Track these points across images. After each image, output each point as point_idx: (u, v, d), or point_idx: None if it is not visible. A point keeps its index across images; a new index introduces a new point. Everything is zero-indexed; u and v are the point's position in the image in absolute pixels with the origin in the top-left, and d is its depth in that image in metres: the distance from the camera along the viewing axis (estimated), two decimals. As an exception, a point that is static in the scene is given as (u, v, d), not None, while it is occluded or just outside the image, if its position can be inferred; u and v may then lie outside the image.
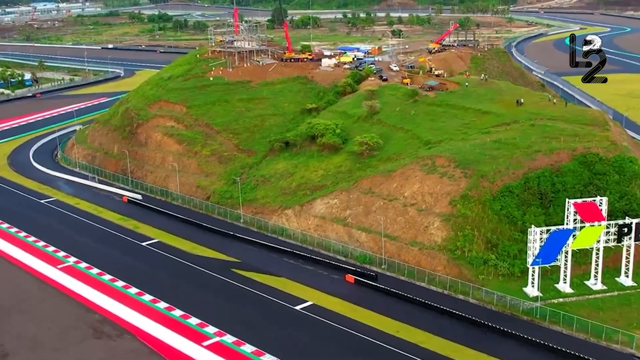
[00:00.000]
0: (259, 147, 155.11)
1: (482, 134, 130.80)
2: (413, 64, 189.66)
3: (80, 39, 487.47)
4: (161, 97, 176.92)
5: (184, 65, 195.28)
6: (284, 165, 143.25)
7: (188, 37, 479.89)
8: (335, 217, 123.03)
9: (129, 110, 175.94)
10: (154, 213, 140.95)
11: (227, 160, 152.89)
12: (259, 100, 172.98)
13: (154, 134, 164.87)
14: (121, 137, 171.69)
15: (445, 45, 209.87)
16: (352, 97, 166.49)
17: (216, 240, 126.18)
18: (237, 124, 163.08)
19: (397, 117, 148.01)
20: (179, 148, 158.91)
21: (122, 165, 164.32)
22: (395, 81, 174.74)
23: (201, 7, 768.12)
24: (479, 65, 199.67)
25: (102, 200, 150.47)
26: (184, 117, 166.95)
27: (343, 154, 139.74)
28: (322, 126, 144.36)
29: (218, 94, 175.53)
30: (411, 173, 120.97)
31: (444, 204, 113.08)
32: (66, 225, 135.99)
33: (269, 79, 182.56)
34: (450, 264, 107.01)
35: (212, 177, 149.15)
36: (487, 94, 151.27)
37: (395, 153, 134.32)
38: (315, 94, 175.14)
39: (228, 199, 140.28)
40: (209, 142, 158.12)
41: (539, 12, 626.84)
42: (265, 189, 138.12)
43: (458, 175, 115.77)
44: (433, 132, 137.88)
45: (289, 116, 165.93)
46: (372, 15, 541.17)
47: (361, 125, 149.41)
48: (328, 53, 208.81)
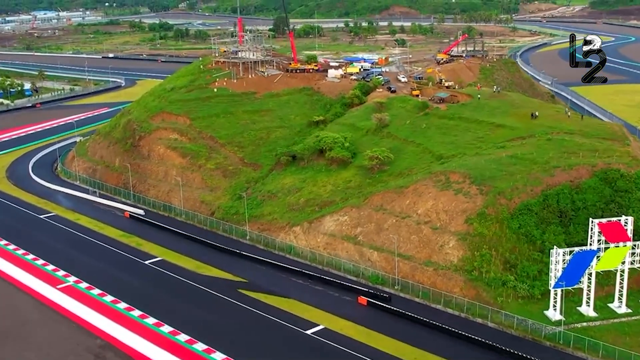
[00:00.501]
0: (264, 161, 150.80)
1: (497, 148, 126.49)
2: (421, 75, 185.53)
3: (80, 47, 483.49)
4: (164, 108, 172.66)
5: (187, 76, 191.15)
6: (291, 180, 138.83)
7: (189, 46, 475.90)
8: (345, 235, 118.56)
9: (130, 122, 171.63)
10: (157, 229, 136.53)
11: (232, 175, 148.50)
12: (265, 112, 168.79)
13: (156, 147, 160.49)
14: (123, 150, 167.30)
15: (453, 56, 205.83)
16: (360, 109, 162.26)
17: (222, 258, 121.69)
18: (242, 137, 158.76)
19: (408, 131, 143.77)
20: (182, 161, 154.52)
21: (124, 179, 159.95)
22: (404, 93, 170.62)
23: (202, 16, 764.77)
24: (488, 77, 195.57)
25: (103, 215, 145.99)
26: (187, 130, 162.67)
27: (352, 169, 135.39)
28: (330, 139, 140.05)
29: (222, 105, 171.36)
30: (424, 189, 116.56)
31: (459, 222, 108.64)
32: (66, 242, 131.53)
33: (275, 90, 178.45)
34: (467, 286, 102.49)
35: (217, 192, 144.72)
36: (501, 106, 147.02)
37: (407, 168, 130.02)
38: (322, 105, 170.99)
39: (233, 215, 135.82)
40: (214, 156, 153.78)
41: (542, 21, 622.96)
42: (272, 205, 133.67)
43: (474, 192, 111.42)
44: (445, 146, 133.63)
45: (295, 129, 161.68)
46: (374, 25, 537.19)
47: (370, 139, 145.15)
48: (334, 64, 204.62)
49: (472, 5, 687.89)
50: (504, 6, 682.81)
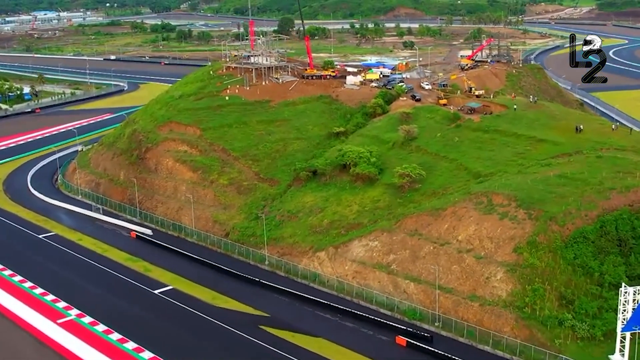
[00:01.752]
0: (282, 176, 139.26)
1: (541, 166, 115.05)
2: (445, 81, 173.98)
3: (81, 49, 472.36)
4: (172, 118, 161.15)
5: (196, 83, 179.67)
6: (312, 198, 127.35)
7: (192, 48, 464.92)
8: (376, 263, 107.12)
9: (136, 133, 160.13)
10: (167, 252, 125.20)
11: (247, 191, 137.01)
12: (280, 122, 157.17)
13: (164, 160, 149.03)
14: (128, 163, 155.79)
15: (477, 61, 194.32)
16: (384, 119, 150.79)
17: (239, 288, 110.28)
18: (256, 149, 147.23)
19: (439, 144, 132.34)
20: (192, 176, 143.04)
21: (130, 194, 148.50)
22: (430, 102, 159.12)
23: (204, 17, 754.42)
24: (515, 84, 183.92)
25: (108, 235, 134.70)
26: (197, 141, 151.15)
27: (380, 187, 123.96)
28: (354, 154, 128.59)
29: (235, 115, 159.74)
30: (464, 212, 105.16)
31: (507, 251, 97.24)
32: (67, 267, 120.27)
33: (290, 98, 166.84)
34: (519, 324, 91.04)
35: (231, 210, 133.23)
36: (540, 118, 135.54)
37: (441, 187, 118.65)
38: (341, 115, 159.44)
39: (250, 237, 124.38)
40: (227, 170, 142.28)
41: (550, 23, 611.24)
42: (293, 226, 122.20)
43: (521, 217, 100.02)
44: (482, 162, 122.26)
45: (314, 140, 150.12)
46: (381, 26, 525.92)
47: (397, 153, 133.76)
48: (352, 69, 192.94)
49: (478, 7, 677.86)
50: (511, 7, 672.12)
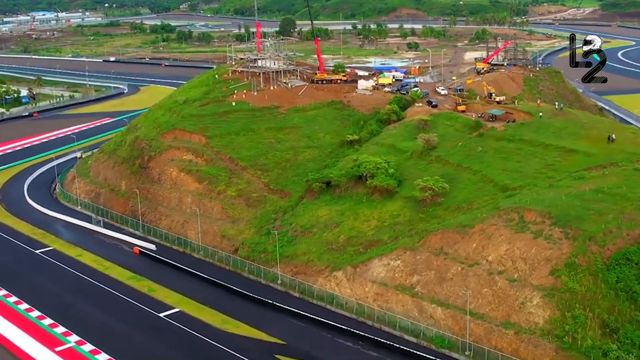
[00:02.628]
0: (293, 187, 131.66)
1: (574, 179, 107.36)
2: (462, 86, 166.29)
3: (80, 50, 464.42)
4: (176, 124, 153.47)
5: (200, 87, 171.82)
6: (326, 212, 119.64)
7: (193, 49, 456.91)
8: (399, 285, 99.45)
9: (138, 140, 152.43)
10: (172, 270, 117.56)
11: (256, 203, 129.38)
12: (290, 129, 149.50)
13: (168, 170, 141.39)
14: (130, 172, 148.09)
15: (493, 65, 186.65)
16: (399, 126, 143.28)
17: (251, 310, 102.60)
18: (266, 159, 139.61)
19: (461, 154, 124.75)
20: (198, 187, 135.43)
21: (132, 206, 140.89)
22: (447, 108, 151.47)
23: (204, 17, 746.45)
24: (533, 88, 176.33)
25: (109, 250, 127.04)
26: (203, 150, 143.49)
27: (399, 200, 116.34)
28: (371, 165, 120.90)
29: (242, 121, 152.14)
30: (494, 230, 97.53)
31: (543, 274, 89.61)
32: (66, 287, 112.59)
33: (300, 104, 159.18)
34: (559, 355, 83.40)
35: (240, 224, 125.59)
36: (567, 126, 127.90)
37: (466, 201, 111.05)
38: (354, 122, 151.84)
39: (261, 253, 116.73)
40: (235, 181, 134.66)
41: (554, 24, 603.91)
42: (307, 243, 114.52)
43: (557, 236, 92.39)
44: (509, 174, 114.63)
45: (326, 149, 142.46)
46: (384, 27, 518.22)
47: (416, 164, 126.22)
48: (363, 73, 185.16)
49: (480, 7, 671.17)
50: (513, 8, 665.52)
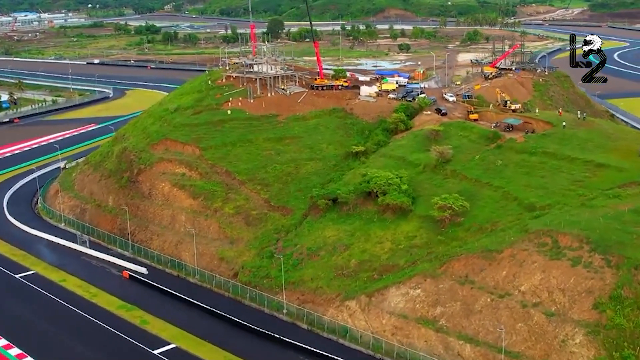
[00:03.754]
0: (295, 204, 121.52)
1: (608, 198, 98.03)
2: (470, 92, 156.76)
3: (63, 52, 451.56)
4: (167, 134, 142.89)
5: (192, 94, 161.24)
6: (334, 233, 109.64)
7: (179, 50, 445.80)
8: (421, 317, 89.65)
9: (126, 152, 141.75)
10: (166, 298, 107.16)
11: (256, 222, 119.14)
12: (290, 139, 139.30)
13: (159, 184, 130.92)
14: (118, 186, 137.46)
15: (502, 69, 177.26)
16: (408, 137, 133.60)
17: (256, 346, 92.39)
18: (265, 172, 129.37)
19: (479, 168, 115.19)
20: (193, 204, 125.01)
21: (120, 224, 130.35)
22: (457, 116, 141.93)
23: (189, 18, 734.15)
24: (544, 94, 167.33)
25: (96, 275, 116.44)
26: (197, 162, 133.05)
27: (414, 220, 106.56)
28: (382, 180, 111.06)
29: (238, 131, 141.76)
30: (526, 256, 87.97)
31: (585, 307, 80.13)
32: (48, 319, 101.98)
33: (300, 112, 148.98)
34: (608, 403, 73.90)
35: (239, 245, 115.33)
36: (593, 138, 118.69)
37: (489, 221, 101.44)
38: (358, 131, 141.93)
39: (263, 279, 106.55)
40: (232, 197, 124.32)
41: (544, 25, 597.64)
42: (314, 267, 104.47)
43: (598, 264, 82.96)
44: (534, 191, 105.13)
45: (330, 161, 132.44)
46: (373, 28, 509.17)
47: (430, 178, 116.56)
48: (364, 78, 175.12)
49: (468, 8, 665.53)
50: (502, 8, 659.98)
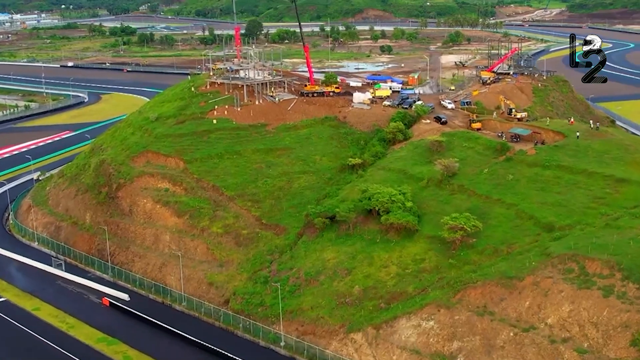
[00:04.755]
0: (289, 222, 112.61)
1: (634, 217, 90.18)
2: (469, 99, 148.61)
3: (35, 54, 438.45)
4: (149, 146, 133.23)
5: (174, 102, 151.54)
6: (334, 255, 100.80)
7: (156, 53, 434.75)
8: (436, 353, 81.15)
9: (104, 165, 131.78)
10: (151, 329, 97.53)
11: (247, 242, 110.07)
12: (281, 151, 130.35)
13: (141, 201, 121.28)
14: (95, 202, 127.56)
15: (499, 74, 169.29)
16: (407, 148, 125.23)
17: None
18: (255, 187, 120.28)
19: (488, 183, 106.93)
20: (177, 222, 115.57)
21: (99, 243, 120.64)
22: (457, 125, 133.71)
23: (165, 19, 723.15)
24: (544, 100, 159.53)
25: (73, 302, 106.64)
26: (182, 177, 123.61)
27: (421, 241, 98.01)
28: (385, 197, 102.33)
29: (225, 142, 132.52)
30: (550, 285, 79.86)
31: (621, 344, 72.18)
32: (20, 355, 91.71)
33: (290, 121, 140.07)
34: None
35: (230, 268, 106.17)
36: (609, 150, 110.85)
37: (504, 242, 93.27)
38: (353, 141, 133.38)
39: (257, 307, 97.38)
40: (220, 214, 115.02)
41: (524, 25, 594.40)
42: (314, 294, 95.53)
43: (633, 294, 75.17)
44: (551, 209, 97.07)
45: (324, 174, 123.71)
46: (353, 29, 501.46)
47: (435, 194, 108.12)
48: (355, 83, 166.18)
49: (447, 9, 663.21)
50: (481, 9, 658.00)
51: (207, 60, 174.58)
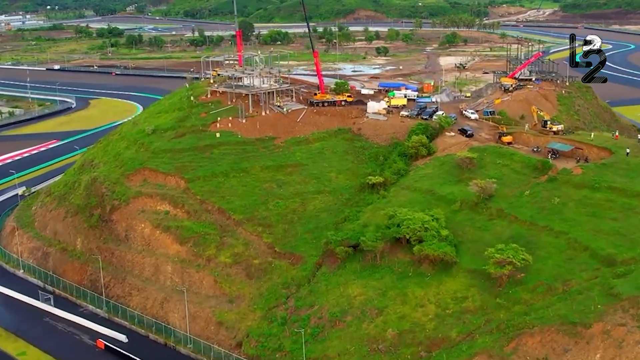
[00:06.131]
0: (305, 250, 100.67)
1: None
2: (492, 108, 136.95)
3: (20, 57, 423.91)
4: (145, 163, 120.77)
5: (172, 112, 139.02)
6: (360, 290, 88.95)
7: (145, 55, 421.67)
8: (492, 415, 69.34)
9: (96, 184, 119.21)
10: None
11: (259, 273, 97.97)
12: (292, 167, 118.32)
13: (138, 225, 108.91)
14: (87, 226, 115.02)
15: (521, 80, 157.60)
16: (433, 164, 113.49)
17: None
18: (266, 209, 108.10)
19: (531, 207, 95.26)
20: (180, 250, 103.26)
21: (91, 273, 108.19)
22: (484, 138, 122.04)
23: (152, 20, 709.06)
24: (570, 108, 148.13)
25: (64, 344, 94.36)
26: (183, 198, 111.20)
27: (460, 275, 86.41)
28: (416, 224, 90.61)
29: (230, 158, 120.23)
30: (624, 334, 68.54)
31: None
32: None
33: (300, 134, 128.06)
34: None
35: (241, 305, 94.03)
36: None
37: (557, 278, 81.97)
38: (371, 157, 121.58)
39: (275, 352, 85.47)
40: (228, 241, 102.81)
41: (519, 26, 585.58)
42: (340, 338, 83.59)
43: None
44: (608, 238, 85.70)
45: (341, 194, 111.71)
46: (346, 30, 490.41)
47: (471, 219, 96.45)
48: (366, 91, 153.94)
49: (439, 9, 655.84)
50: (474, 9, 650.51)
51: (207, 66, 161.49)
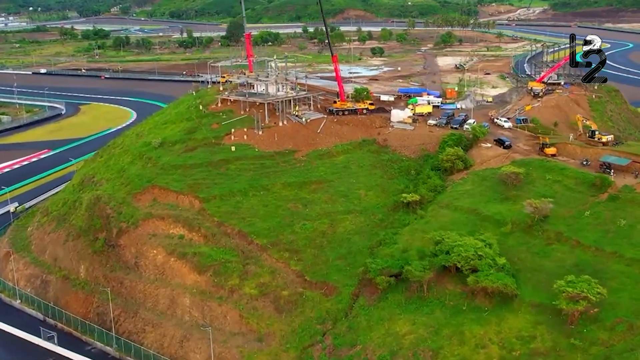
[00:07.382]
0: (339, 278, 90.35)
1: None
2: (525, 115, 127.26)
3: (5, 60, 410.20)
4: (154, 180, 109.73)
5: (180, 123, 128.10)
6: (408, 328, 78.81)
7: (133, 57, 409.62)
8: None
9: (100, 203, 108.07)
10: None
11: (290, 306, 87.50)
12: (317, 184, 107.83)
13: (150, 251, 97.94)
14: (91, 251, 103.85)
15: (550, 84, 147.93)
16: (472, 179, 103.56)
17: None
18: (291, 232, 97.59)
19: (594, 230, 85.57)
20: (199, 280, 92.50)
21: (98, 305, 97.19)
22: (523, 149, 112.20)
23: (137, 21, 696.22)
24: (603, 114, 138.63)
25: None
26: (199, 220, 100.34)
27: (524, 310, 76.50)
28: (469, 251, 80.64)
29: (248, 174, 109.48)
30: None
31: None
32: None
33: (322, 146, 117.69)
34: None
35: (272, 343, 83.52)
36: None
37: (637, 314, 71.67)
38: (401, 171, 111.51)
39: (317, 401, 74.98)
40: (252, 270, 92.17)
41: (511, 25, 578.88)
42: (392, 386, 73.34)
43: None
44: (689, 267, 75.81)
45: (374, 214, 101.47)
46: (337, 30, 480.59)
47: (526, 243, 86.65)
48: (386, 97, 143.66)
49: (429, 8, 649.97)
50: (464, 8, 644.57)
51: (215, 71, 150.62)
